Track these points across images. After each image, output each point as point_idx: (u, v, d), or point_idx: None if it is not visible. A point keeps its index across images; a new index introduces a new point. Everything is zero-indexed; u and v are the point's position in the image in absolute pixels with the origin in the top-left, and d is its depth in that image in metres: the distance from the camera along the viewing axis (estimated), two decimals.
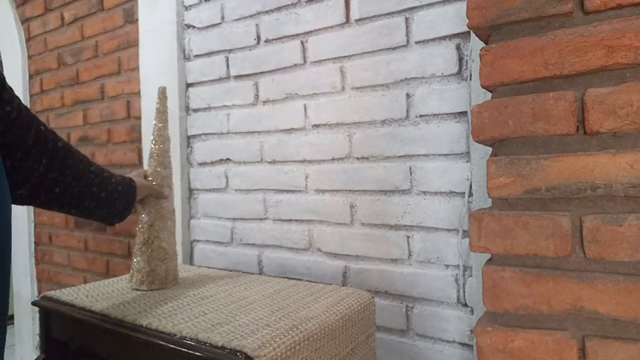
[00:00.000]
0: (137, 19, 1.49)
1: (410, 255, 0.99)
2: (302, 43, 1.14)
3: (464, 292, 0.92)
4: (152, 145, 1.00)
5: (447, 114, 0.94)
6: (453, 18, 0.92)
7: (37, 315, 0.97)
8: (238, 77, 1.27)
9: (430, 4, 0.95)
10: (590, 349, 0.50)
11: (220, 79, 1.31)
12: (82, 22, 1.71)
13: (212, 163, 1.34)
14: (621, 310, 0.49)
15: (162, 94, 1.01)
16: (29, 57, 1.95)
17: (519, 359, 0.53)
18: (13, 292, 2.02)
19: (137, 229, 0.99)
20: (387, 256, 1.02)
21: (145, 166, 1.00)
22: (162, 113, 1.01)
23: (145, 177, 0.99)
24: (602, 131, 0.51)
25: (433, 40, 0.95)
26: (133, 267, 0.98)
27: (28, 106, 1.99)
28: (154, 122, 1.01)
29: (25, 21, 1.96)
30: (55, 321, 0.93)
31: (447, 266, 0.94)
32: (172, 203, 1.02)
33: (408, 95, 0.99)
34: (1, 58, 2.06)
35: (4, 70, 2.05)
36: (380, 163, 1.03)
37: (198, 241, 1.38)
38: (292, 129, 1.16)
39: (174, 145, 1.37)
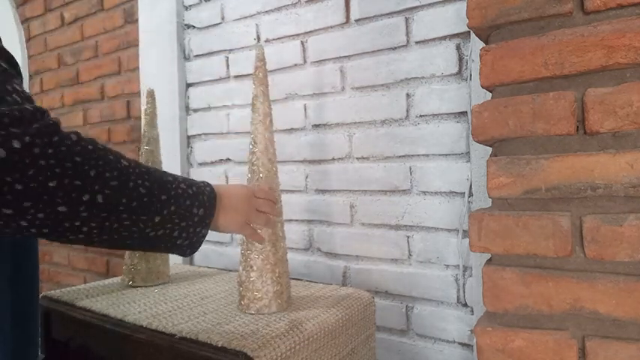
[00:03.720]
0: (137, 19, 1.49)
1: (410, 255, 0.99)
2: (302, 43, 1.14)
3: (464, 292, 0.92)
4: (143, 147, 1.01)
5: (447, 114, 0.94)
6: (453, 18, 0.92)
7: None
8: (238, 77, 1.27)
9: (430, 4, 0.95)
10: (590, 349, 0.50)
11: (220, 79, 1.31)
12: (82, 22, 1.71)
13: (212, 163, 1.34)
14: (621, 310, 0.49)
15: (151, 95, 1.03)
16: (29, 57, 1.95)
17: (519, 359, 0.53)
18: None
19: None
20: (387, 256, 1.02)
21: None
22: (150, 114, 1.03)
23: None
24: (602, 131, 0.51)
25: (433, 40, 0.95)
26: (126, 264, 1.00)
27: None
28: (143, 124, 1.03)
29: (25, 21, 1.95)
30: (55, 321, 0.93)
31: (447, 266, 0.94)
32: None
33: (408, 95, 0.98)
34: None
35: None
36: (380, 163, 1.03)
37: None
38: (292, 129, 1.16)
39: (174, 145, 1.37)
